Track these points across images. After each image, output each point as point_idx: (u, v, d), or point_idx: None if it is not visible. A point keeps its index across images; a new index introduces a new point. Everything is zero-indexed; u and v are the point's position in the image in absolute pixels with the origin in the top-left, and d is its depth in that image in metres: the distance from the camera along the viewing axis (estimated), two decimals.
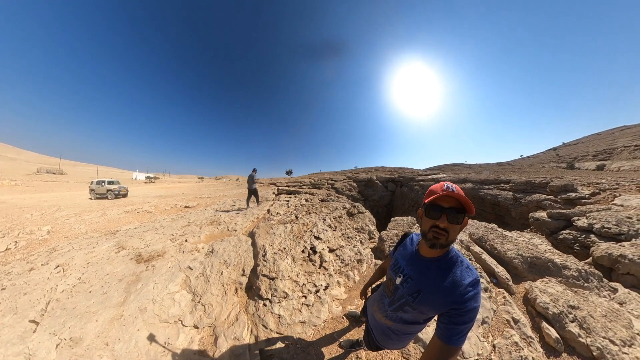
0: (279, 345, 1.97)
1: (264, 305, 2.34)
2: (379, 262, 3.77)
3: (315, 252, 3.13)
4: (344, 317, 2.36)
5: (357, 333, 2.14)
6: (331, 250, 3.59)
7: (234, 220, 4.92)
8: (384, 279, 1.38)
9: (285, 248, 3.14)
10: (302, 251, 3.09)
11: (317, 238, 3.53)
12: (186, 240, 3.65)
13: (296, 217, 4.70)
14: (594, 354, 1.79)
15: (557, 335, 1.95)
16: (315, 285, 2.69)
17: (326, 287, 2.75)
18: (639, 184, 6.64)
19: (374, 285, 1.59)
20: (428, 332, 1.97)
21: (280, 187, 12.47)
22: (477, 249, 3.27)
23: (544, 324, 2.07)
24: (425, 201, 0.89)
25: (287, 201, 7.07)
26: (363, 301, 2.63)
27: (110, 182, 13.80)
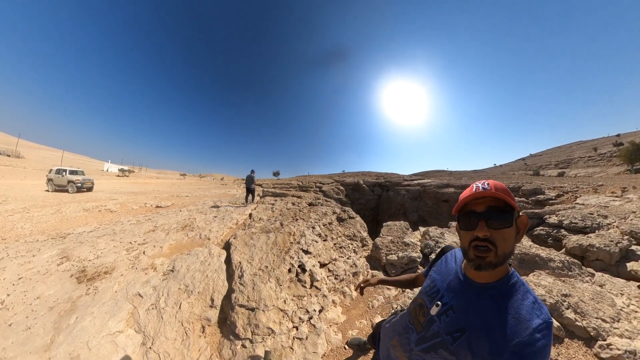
0: None
1: (243, 347, 1.84)
2: (375, 272, 3.46)
3: (304, 270, 2.69)
4: (346, 347, 1.98)
5: None
6: (322, 265, 3.16)
7: (209, 225, 4.33)
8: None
9: (267, 267, 2.63)
10: (289, 270, 2.61)
11: (306, 252, 3.08)
12: (144, 252, 3.02)
13: (281, 224, 4.22)
14: (591, 334, 1.96)
15: (558, 324, 2.07)
16: (308, 311, 2.26)
17: (320, 311, 2.34)
18: (595, 187, 7.81)
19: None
20: None
21: (265, 189, 11.86)
22: None
23: None
24: (454, 211, 0.72)
25: (272, 204, 6.55)
26: (359, 293, 2.26)
27: (72, 172, 12.19)
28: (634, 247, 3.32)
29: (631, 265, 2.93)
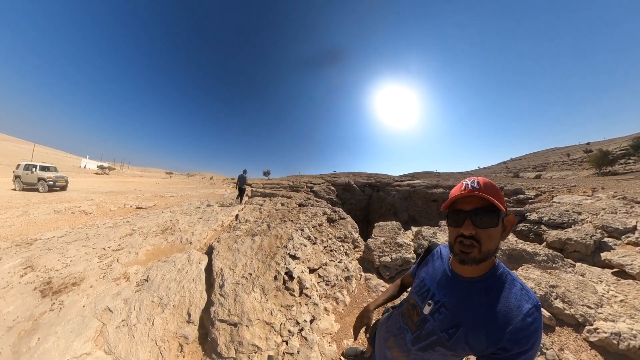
0: None
1: None
2: (369, 275, 3.40)
3: (292, 277, 2.58)
4: (342, 358, 1.89)
5: None
6: (312, 271, 3.06)
7: (192, 228, 4.12)
8: (394, 301, 1.13)
9: (251, 274, 2.49)
10: (275, 277, 2.48)
11: (294, 257, 2.96)
12: (118, 260, 2.78)
13: (268, 226, 4.09)
14: (579, 320, 2.09)
15: (549, 314, 2.16)
16: (298, 322, 2.14)
17: (312, 321, 2.23)
18: (569, 187, 8.76)
19: (388, 306, 1.19)
20: None
21: (255, 189, 11.60)
22: None
23: None
24: (443, 208, 0.74)
25: (261, 205, 6.38)
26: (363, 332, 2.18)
27: (43, 168, 11.13)
28: (606, 239, 3.69)
29: (605, 255, 3.22)
